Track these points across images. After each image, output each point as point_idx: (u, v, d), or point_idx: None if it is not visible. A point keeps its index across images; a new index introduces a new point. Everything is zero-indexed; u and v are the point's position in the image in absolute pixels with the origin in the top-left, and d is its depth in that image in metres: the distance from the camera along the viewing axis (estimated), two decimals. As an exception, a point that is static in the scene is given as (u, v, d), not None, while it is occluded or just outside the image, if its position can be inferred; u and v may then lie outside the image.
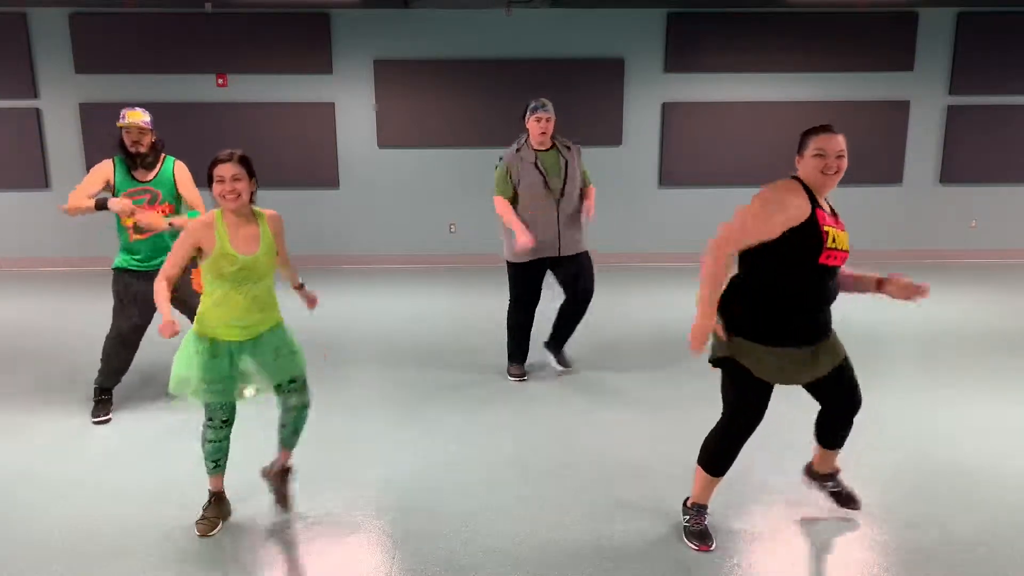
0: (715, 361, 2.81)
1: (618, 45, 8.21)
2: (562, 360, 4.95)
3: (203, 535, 2.99)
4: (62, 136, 8.19)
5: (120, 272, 4.18)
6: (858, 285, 2.87)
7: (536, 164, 4.52)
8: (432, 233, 8.59)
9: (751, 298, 2.70)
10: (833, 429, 2.99)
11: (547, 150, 4.59)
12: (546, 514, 3.16)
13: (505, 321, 4.89)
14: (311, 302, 3.32)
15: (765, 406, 2.79)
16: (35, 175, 8.22)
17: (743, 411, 2.78)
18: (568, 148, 4.63)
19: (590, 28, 8.14)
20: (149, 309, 4.16)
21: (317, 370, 4.89)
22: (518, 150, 4.59)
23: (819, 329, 2.75)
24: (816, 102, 8.28)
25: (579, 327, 5.14)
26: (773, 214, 2.57)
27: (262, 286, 2.93)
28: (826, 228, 2.59)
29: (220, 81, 8.12)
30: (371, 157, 8.36)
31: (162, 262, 3.83)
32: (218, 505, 3.10)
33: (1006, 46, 8.24)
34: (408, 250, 8.61)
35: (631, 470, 3.55)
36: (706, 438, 2.92)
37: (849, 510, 3.14)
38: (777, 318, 2.68)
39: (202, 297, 2.91)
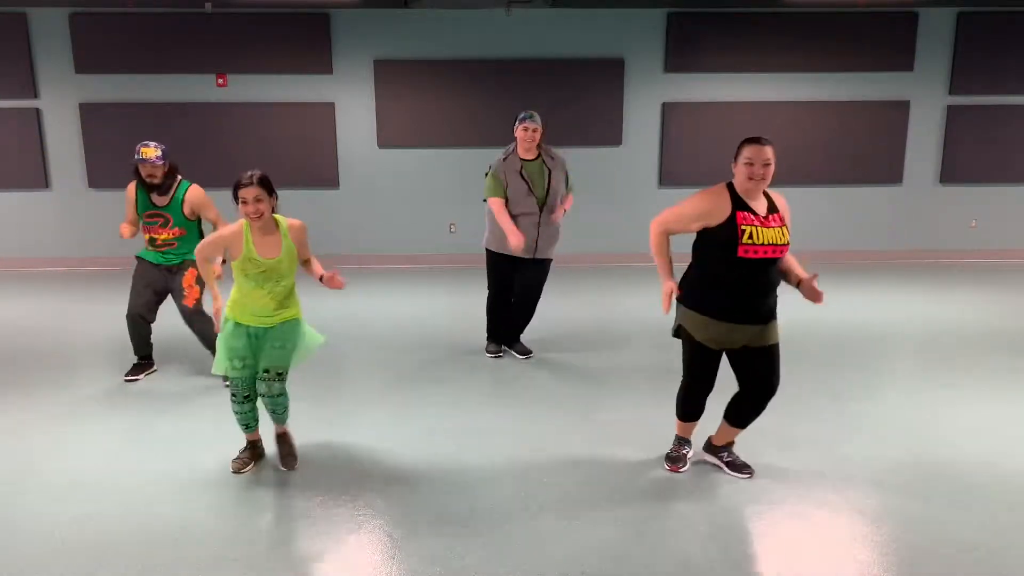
0: (673, 332, 3.38)
1: (618, 45, 8.21)
2: (520, 349, 5.24)
3: (235, 471, 3.48)
4: (62, 136, 8.19)
5: (141, 260, 4.75)
6: (786, 277, 3.22)
7: (521, 173, 4.80)
8: (432, 233, 8.59)
9: (693, 277, 3.29)
10: (745, 409, 3.35)
11: (532, 160, 4.83)
12: (546, 514, 3.16)
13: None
14: (332, 280, 3.51)
15: (712, 367, 3.30)
16: (35, 175, 8.22)
17: (692, 369, 3.35)
18: (552, 158, 4.88)
19: (590, 28, 8.14)
20: (155, 296, 4.73)
21: (316, 370, 4.90)
22: (505, 159, 4.88)
23: (749, 312, 3.13)
24: (816, 102, 8.27)
25: (581, 328, 5.17)
26: (692, 217, 3.18)
27: (283, 285, 3.38)
28: (744, 227, 3.05)
29: (220, 81, 8.13)
30: (371, 157, 8.36)
31: (170, 259, 4.66)
32: (251, 450, 3.59)
33: (1006, 46, 8.24)
34: (408, 250, 8.62)
35: (631, 470, 3.55)
36: (676, 396, 3.51)
37: (741, 475, 3.43)
38: (707, 295, 3.20)
39: (232, 289, 3.39)
